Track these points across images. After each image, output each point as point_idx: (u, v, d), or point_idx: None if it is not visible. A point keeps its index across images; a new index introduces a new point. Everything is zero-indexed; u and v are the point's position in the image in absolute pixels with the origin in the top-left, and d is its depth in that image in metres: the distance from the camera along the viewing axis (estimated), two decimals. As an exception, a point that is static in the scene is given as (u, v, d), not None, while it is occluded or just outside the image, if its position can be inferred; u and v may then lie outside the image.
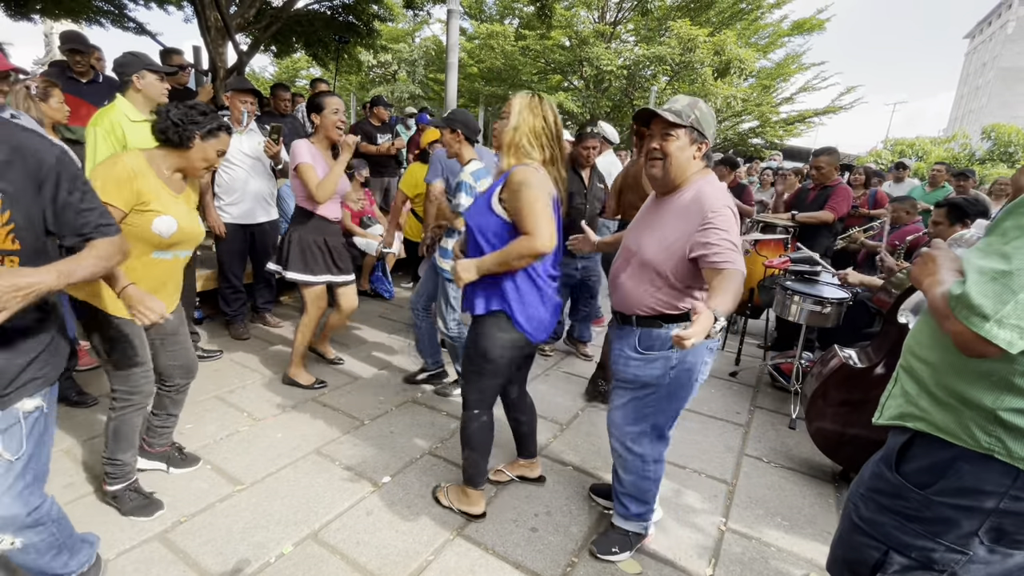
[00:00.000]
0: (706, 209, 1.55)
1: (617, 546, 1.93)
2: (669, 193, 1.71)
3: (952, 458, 1.00)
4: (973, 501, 0.97)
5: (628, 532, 1.95)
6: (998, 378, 0.94)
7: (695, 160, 1.65)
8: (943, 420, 1.02)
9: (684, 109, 1.60)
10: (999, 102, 44.25)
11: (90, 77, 3.72)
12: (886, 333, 2.46)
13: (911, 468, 1.06)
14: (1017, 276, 0.85)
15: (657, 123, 1.65)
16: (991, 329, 0.87)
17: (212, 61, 6.22)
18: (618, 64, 15.24)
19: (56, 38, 14.69)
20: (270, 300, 4.09)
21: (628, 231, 1.86)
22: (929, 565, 1.04)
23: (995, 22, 49.04)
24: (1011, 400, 0.93)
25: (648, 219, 1.77)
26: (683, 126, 1.60)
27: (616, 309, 1.84)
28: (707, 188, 1.61)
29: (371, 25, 8.24)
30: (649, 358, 1.73)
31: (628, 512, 1.92)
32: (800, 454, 2.74)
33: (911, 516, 1.05)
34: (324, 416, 2.78)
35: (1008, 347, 0.86)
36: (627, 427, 1.85)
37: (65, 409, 2.65)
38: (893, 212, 4.25)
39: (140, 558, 1.76)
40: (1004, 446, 0.94)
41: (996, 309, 0.86)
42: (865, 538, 1.13)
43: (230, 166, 3.45)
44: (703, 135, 1.63)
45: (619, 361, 1.83)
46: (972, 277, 0.91)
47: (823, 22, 16.47)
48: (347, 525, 1.99)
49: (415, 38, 21.53)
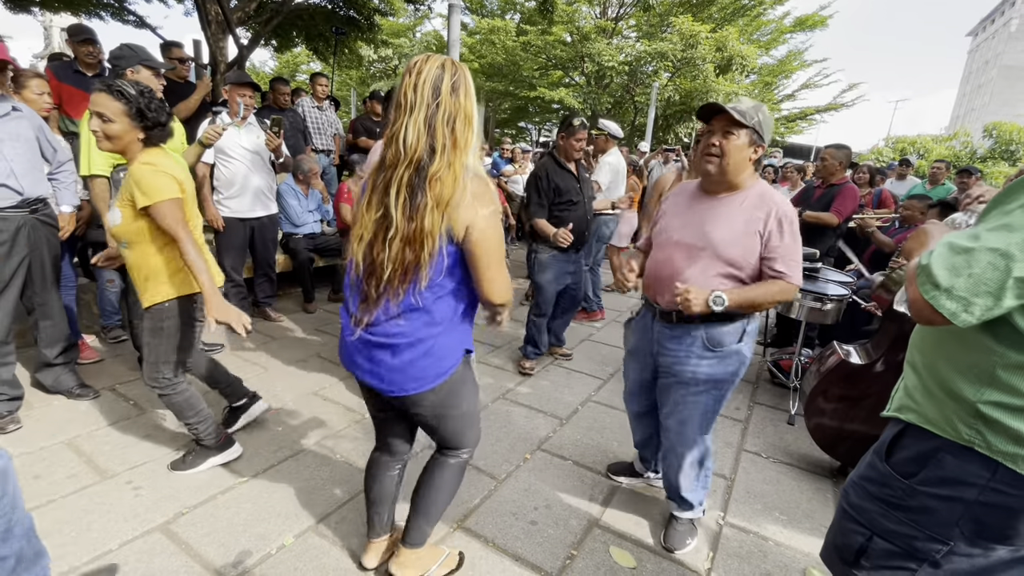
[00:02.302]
0: (781, 210, 1.63)
1: (689, 536, 1.99)
2: (724, 192, 1.72)
3: (936, 449, 1.02)
4: (953, 491, 0.99)
5: (693, 520, 2.03)
6: (980, 371, 0.96)
7: (750, 162, 1.67)
8: (932, 412, 1.04)
9: (749, 111, 1.61)
10: (1001, 100, 44.13)
11: (96, 71, 3.71)
12: (885, 330, 2.46)
13: (899, 458, 1.09)
14: (978, 254, 0.88)
15: (720, 120, 1.65)
16: (938, 298, 0.91)
17: (212, 55, 6.20)
18: (619, 60, 15.19)
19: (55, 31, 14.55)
20: (271, 294, 4.09)
21: (673, 230, 1.79)
22: (911, 553, 1.05)
23: (998, 20, 48.85)
24: (991, 393, 0.94)
25: (709, 216, 1.71)
26: (746, 126, 1.61)
27: (672, 308, 1.76)
28: (773, 191, 1.68)
29: (372, 19, 8.21)
30: (723, 354, 1.73)
31: (695, 504, 1.98)
32: (798, 450, 2.75)
33: (895, 504, 1.07)
34: (325, 409, 2.79)
35: (952, 317, 0.90)
36: (699, 432, 1.86)
37: (68, 402, 2.66)
38: (906, 210, 4.17)
39: (143, 548, 1.78)
40: (984, 439, 0.95)
41: (950, 281, 0.90)
42: (852, 524, 1.16)
43: (229, 160, 3.45)
44: (762, 138, 1.65)
45: (686, 363, 1.77)
46: (939, 249, 0.94)
47: (825, 19, 16.38)
48: (348, 518, 2.00)
49: (416, 33, 21.42)
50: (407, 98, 1.24)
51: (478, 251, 1.29)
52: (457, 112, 1.26)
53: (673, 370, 1.81)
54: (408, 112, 1.24)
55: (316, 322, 4.13)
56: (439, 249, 1.26)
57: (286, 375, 3.16)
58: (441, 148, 1.24)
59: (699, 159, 1.75)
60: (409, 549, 1.67)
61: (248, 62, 7.36)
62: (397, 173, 1.25)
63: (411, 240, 1.25)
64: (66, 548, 1.74)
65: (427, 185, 1.23)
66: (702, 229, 1.71)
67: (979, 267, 0.88)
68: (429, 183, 1.23)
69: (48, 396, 2.68)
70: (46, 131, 2.68)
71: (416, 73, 1.24)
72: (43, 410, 2.58)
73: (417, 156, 1.24)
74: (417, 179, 1.24)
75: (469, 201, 1.25)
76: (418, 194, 1.24)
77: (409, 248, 1.25)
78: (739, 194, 1.69)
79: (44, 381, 2.68)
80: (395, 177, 1.26)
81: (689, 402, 1.82)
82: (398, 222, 1.25)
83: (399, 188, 1.25)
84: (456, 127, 1.26)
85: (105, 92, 1.81)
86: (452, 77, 1.25)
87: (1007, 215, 0.89)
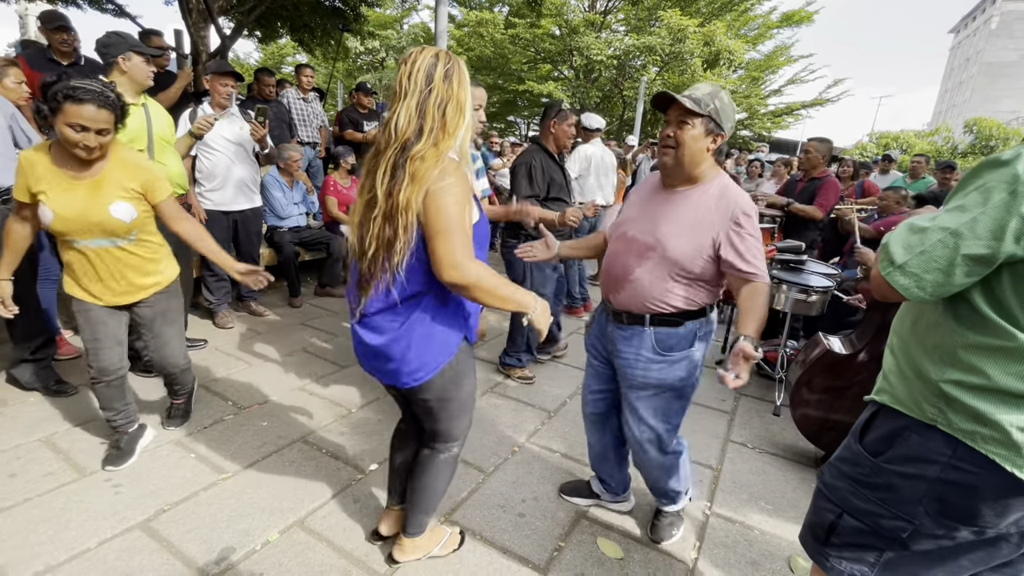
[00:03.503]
0: (739, 209, 1.53)
1: (675, 527, 1.98)
2: (682, 185, 1.63)
3: (903, 427, 1.06)
4: (917, 469, 1.02)
5: (679, 511, 2.01)
6: (944, 351, 1.00)
7: (708, 152, 1.58)
8: (902, 393, 1.07)
9: (704, 97, 1.53)
10: (982, 97, 44.92)
11: (72, 59, 3.60)
12: (870, 320, 2.49)
13: (871, 438, 1.12)
14: (931, 232, 0.94)
15: (674, 109, 1.57)
16: (893, 273, 0.98)
17: (194, 45, 6.07)
18: (608, 54, 15.17)
19: (31, 19, 14.16)
20: (254, 289, 4.02)
21: (629, 223, 1.71)
22: (877, 531, 1.08)
23: (979, 17, 49.63)
24: (952, 373, 0.98)
25: (661, 211, 1.63)
26: (700, 115, 1.53)
27: (622, 308, 1.69)
28: (735, 187, 1.59)
29: (358, 11, 8.09)
30: (672, 359, 1.65)
31: (676, 497, 1.95)
32: (784, 440, 2.78)
33: (863, 482, 1.10)
34: (310, 404, 2.76)
35: (904, 292, 0.97)
36: (660, 436, 1.76)
37: (45, 398, 2.60)
38: (883, 200, 4.28)
39: (122, 547, 1.74)
40: (945, 417, 0.99)
41: (904, 257, 0.97)
42: (825, 502, 1.19)
43: (211, 151, 3.38)
44: (720, 127, 1.55)
45: (636, 366, 1.69)
46: (899, 229, 1.01)
47: (811, 15, 16.51)
48: (334, 512, 1.98)
49: (403, 25, 21.21)
50: (401, 86, 1.28)
51: (427, 218, 1.25)
52: (449, 99, 1.28)
53: (626, 373, 1.73)
54: (402, 99, 1.27)
55: (301, 316, 4.08)
56: (413, 224, 1.26)
57: (271, 370, 3.12)
58: (428, 130, 1.26)
59: (657, 151, 1.68)
60: (410, 539, 1.71)
61: (232, 53, 7.23)
62: (385, 156, 1.28)
63: (389, 215, 1.27)
64: (43, 547, 1.70)
65: (407, 163, 1.25)
66: (654, 225, 1.63)
67: (930, 245, 0.94)
68: (410, 160, 1.25)
69: (24, 393, 2.62)
70: (20, 120, 2.60)
71: (411, 63, 1.27)
72: (19, 407, 2.51)
73: (406, 138, 1.27)
74: (401, 158, 1.26)
75: (436, 175, 1.25)
76: (399, 172, 1.26)
77: (388, 224, 1.27)
78: (697, 188, 1.61)
79: (20, 377, 2.61)
80: (383, 159, 1.29)
81: (643, 406, 1.74)
82: (380, 200, 1.28)
83: (385, 169, 1.28)
84: (447, 112, 1.28)
85: (106, 109, 1.75)
86: (446, 65, 1.29)
87: (963, 197, 0.93)
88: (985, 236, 0.88)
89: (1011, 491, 0.94)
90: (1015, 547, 1.01)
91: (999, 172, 0.89)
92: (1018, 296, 0.91)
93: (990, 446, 0.94)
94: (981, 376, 0.94)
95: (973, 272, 0.92)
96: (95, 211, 1.85)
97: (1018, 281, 0.90)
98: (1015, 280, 0.91)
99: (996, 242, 0.88)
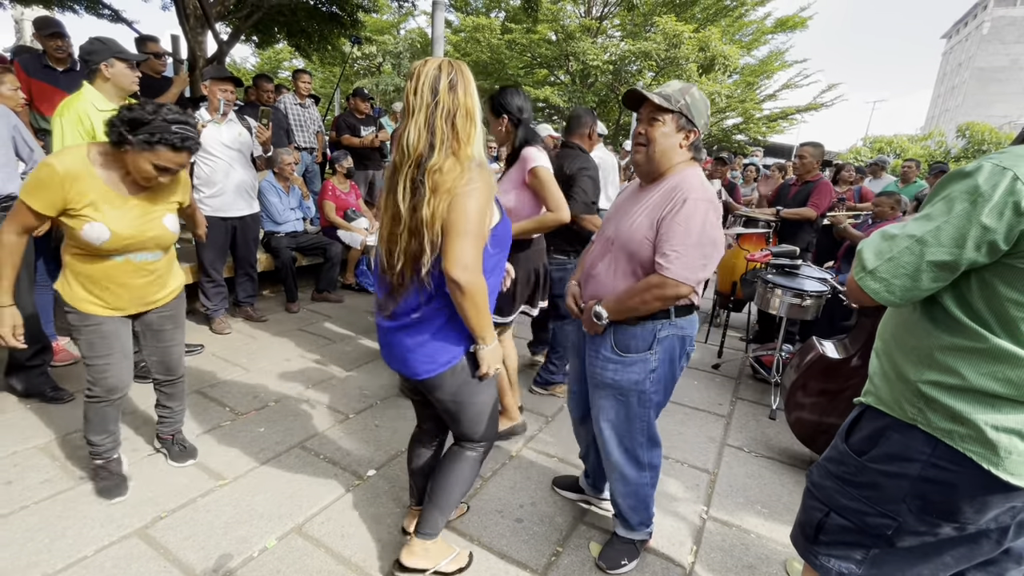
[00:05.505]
0: (682, 197, 1.46)
1: (626, 557, 1.84)
2: (655, 182, 1.59)
3: (885, 427, 1.09)
4: (899, 468, 1.05)
5: (635, 541, 1.87)
6: (921, 353, 1.04)
7: (681, 149, 1.55)
8: (885, 394, 1.10)
9: (674, 94, 1.51)
10: (974, 101, 45.30)
11: (67, 65, 3.61)
12: (862, 325, 2.51)
13: (856, 438, 1.15)
14: (899, 240, 0.99)
15: (645, 107, 1.56)
16: (864, 279, 1.03)
17: (191, 50, 6.07)
18: (604, 59, 15.23)
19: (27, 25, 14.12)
20: (252, 294, 4.03)
21: (606, 220, 1.73)
22: (863, 529, 1.11)
23: (971, 23, 50.11)
24: (930, 374, 1.02)
25: (627, 207, 1.65)
26: (671, 111, 1.51)
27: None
28: (691, 177, 1.52)
29: (355, 16, 8.11)
30: (627, 361, 1.61)
31: (632, 523, 1.84)
32: (780, 444, 2.80)
33: (848, 480, 1.13)
34: (308, 410, 2.76)
35: (875, 296, 1.02)
36: (618, 443, 1.72)
37: (41, 405, 2.59)
38: (877, 206, 4.32)
39: (119, 554, 1.74)
40: (925, 417, 1.02)
41: (874, 263, 1.01)
42: (813, 500, 1.21)
43: (210, 158, 3.38)
44: (692, 123, 1.53)
45: (595, 365, 1.68)
46: (873, 237, 1.05)
47: (805, 20, 16.63)
48: (332, 518, 1.98)
49: (400, 30, 21.25)
50: (409, 103, 1.31)
51: (448, 216, 1.30)
52: (457, 108, 1.31)
53: (588, 371, 1.73)
54: (411, 115, 1.31)
55: (299, 322, 4.08)
56: (439, 236, 1.31)
57: (268, 376, 3.12)
58: (440, 143, 1.29)
59: (631, 150, 1.67)
60: (420, 540, 1.68)
61: (229, 58, 7.23)
62: (402, 172, 1.33)
63: (415, 230, 1.31)
64: (40, 555, 1.70)
65: (426, 177, 1.29)
66: (618, 221, 1.63)
67: (898, 251, 0.99)
68: (428, 174, 1.28)
69: (20, 400, 2.61)
70: (22, 130, 2.61)
71: (415, 78, 1.31)
72: (14, 414, 2.51)
73: (418, 154, 1.30)
74: (418, 174, 1.30)
75: (464, 181, 1.29)
76: (419, 187, 1.29)
77: (415, 238, 1.31)
78: (659, 184, 1.57)
79: (16, 384, 2.61)
80: (401, 177, 1.33)
81: (602, 407, 1.71)
82: (404, 216, 1.32)
83: (404, 186, 1.32)
84: (457, 122, 1.31)
85: (185, 152, 1.73)
86: (449, 75, 1.31)
87: (931, 207, 0.98)
88: (948, 243, 0.94)
89: (988, 488, 0.97)
90: (995, 544, 1.04)
91: (962, 183, 0.94)
92: (986, 300, 0.95)
93: (967, 444, 0.97)
94: (957, 377, 0.98)
95: (939, 278, 0.96)
96: (152, 226, 1.83)
97: (985, 286, 0.95)
98: (982, 285, 0.96)
99: (958, 249, 0.93)
